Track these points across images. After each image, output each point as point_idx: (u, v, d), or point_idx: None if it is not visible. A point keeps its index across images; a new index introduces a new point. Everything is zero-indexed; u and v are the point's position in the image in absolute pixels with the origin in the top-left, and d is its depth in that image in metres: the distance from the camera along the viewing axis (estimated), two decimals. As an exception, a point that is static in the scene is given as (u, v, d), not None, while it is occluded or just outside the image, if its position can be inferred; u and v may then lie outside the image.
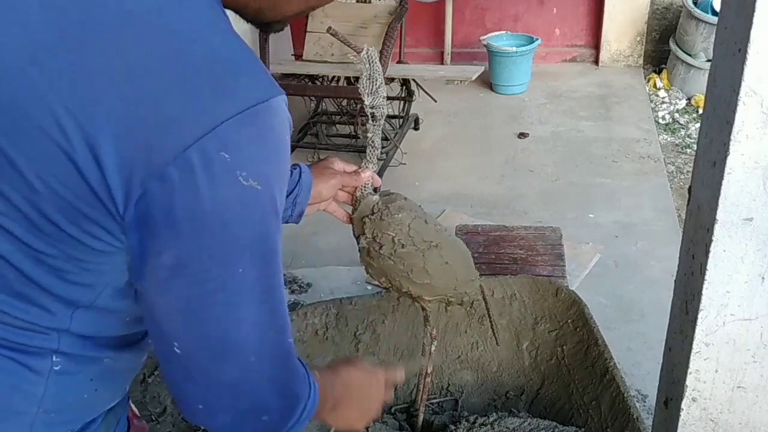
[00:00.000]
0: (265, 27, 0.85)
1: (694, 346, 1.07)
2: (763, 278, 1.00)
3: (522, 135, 4.14)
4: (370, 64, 1.17)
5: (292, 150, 3.50)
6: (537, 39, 4.72)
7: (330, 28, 3.04)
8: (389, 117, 3.85)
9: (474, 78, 3.91)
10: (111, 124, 0.65)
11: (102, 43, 0.67)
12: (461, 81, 4.61)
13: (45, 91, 0.66)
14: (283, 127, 0.72)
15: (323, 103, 4.08)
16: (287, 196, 1.16)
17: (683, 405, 1.12)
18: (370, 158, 1.24)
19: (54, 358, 0.80)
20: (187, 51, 0.68)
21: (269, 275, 0.75)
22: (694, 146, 3.31)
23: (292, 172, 1.18)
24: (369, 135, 1.24)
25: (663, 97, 4.51)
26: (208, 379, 0.78)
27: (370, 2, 3.89)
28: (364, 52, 1.17)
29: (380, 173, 3.43)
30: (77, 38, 0.67)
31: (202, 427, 0.93)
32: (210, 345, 0.76)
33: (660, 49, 4.96)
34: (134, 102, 0.65)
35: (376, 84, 1.19)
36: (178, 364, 0.78)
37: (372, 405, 1.08)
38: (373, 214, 1.21)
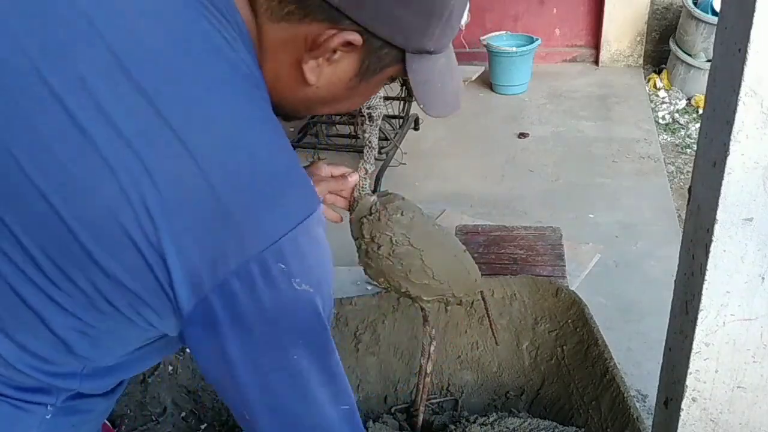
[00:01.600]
0: (290, 119, 0.91)
1: (694, 346, 1.07)
2: (763, 278, 1.00)
3: (522, 135, 4.14)
4: (369, 64, 1.17)
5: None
6: (537, 39, 4.72)
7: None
8: (389, 117, 3.85)
9: (474, 78, 3.91)
10: (184, 230, 0.70)
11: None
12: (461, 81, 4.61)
13: (128, 189, 0.68)
14: (324, 233, 0.78)
15: (323, 103, 4.08)
16: None
17: (683, 405, 1.12)
18: (368, 158, 1.24)
19: (48, 407, 0.84)
20: (245, 164, 0.72)
21: (325, 360, 0.81)
22: (694, 146, 3.31)
23: None
24: (366, 135, 1.24)
25: (663, 97, 4.51)
26: None
27: (370, 2, 3.88)
28: (363, 52, 1.17)
29: (380, 173, 3.43)
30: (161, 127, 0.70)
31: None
32: (285, 419, 0.82)
33: (660, 49, 4.96)
34: (202, 213, 0.70)
35: (374, 84, 1.19)
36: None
37: None
38: (371, 214, 1.21)
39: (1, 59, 0.69)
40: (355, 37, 0.75)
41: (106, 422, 1.11)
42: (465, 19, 1.09)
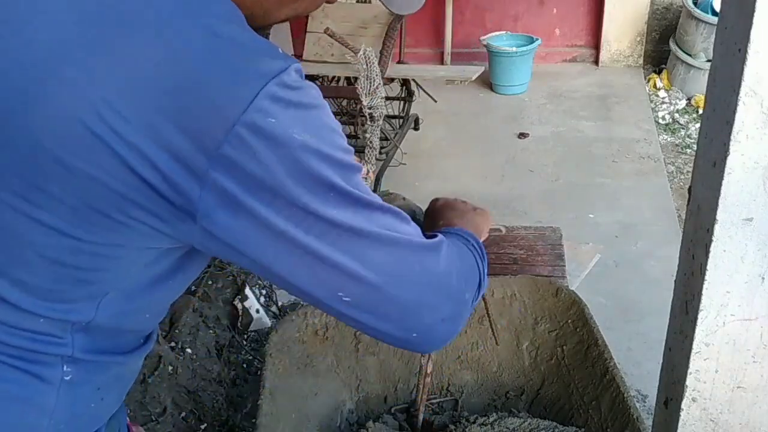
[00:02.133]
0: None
1: (694, 346, 1.07)
2: (763, 278, 1.00)
3: (522, 135, 4.14)
4: (367, 65, 1.18)
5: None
6: (537, 39, 4.72)
7: (327, 29, 3.04)
8: (389, 117, 3.84)
9: (474, 78, 3.91)
10: (156, 115, 0.68)
11: (135, 38, 0.70)
12: (461, 81, 4.61)
13: (85, 89, 0.68)
14: (310, 84, 0.76)
15: (323, 104, 4.08)
16: None
17: (683, 405, 1.12)
18: (369, 158, 1.24)
19: (65, 368, 0.81)
20: (214, 42, 0.71)
21: (364, 202, 0.77)
22: (694, 146, 3.31)
23: None
24: (367, 135, 1.24)
25: (663, 97, 4.51)
26: (397, 309, 0.80)
27: (370, 2, 3.89)
28: (361, 52, 1.17)
29: (380, 173, 3.43)
30: (111, 35, 0.70)
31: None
32: (370, 278, 0.77)
33: (660, 49, 4.96)
34: (174, 92, 0.68)
35: (374, 85, 1.19)
36: (361, 314, 0.80)
37: (476, 208, 1.21)
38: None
39: None
40: None
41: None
42: None
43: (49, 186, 0.70)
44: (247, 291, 2.43)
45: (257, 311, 2.42)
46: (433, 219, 1.13)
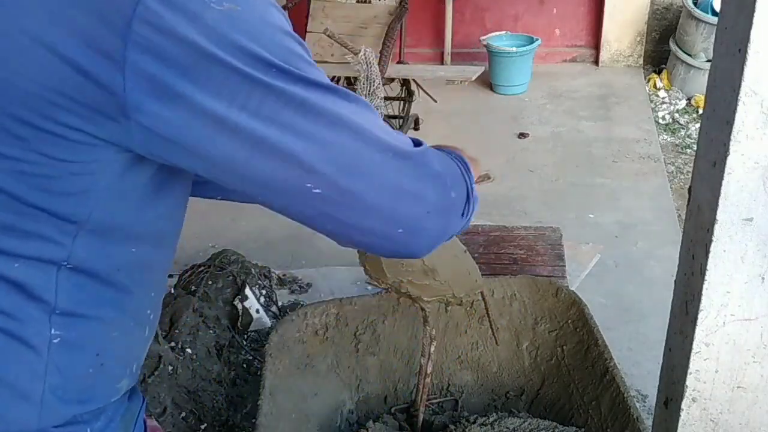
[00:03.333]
0: None
1: (694, 346, 1.07)
2: (763, 278, 1.00)
3: (522, 135, 4.14)
4: (367, 66, 1.17)
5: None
6: (537, 39, 4.72)
7: (327, 29, 3.04)
8: (389, 117, 3.84)
9: (474, 78, 3.91)
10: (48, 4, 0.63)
11: None
12: (461, 81, 4.61)
13: None
14: None
15: (323, 104, 4.07)
16: None
17: (683, 405, 1.12)
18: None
19: (52, 331, 0.76)
20: None
21: (320, 83, 0.71)
22: (694, 146, 3.31)
23: None
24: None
25: (663, 98, 4.51)
26: (377, 197, 0.75)
27: (370, 2, 3.89)
28: (361, 53, 1.17)
29: (380, 173, 3.42)
30: None
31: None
32: (341, 161, 0.72)
33: (660, 49, 4.96)
34: None
35: (373, 85, 1.19)
36: (339, 207, 0.74)
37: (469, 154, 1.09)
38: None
39: None
40: None
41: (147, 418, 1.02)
42: None
43: None
44: (247, 291, 2.43)
45: (257, 311, 2.42)
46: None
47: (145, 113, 0.65)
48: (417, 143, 0.83)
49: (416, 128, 4.14)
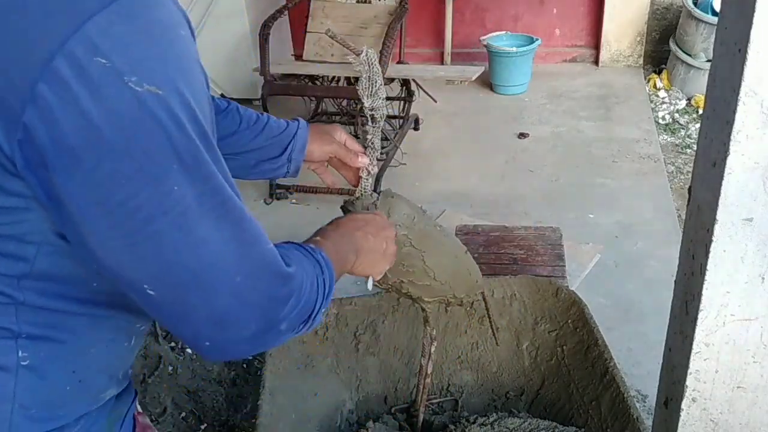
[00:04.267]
0: None
1: (694, 346, 1.07)
2: (763, 278, 1.00)
3: (522, 135, 4.14)
4: (369, 66, 1.17)
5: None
6: (537, 39, 4.72)
7: (329, 30, 3.02)
8: (389, 117, 3.85)
9: (474, 78, 3.91)
10: None
11: None
12: (461, 81, 4.61)
13: None
14: (174, 19, 0.64)
15: (323, 104, 4.08)
16: (284, 152, 1.14)
17: (683, 405, 1.12)
18: (371, 159, 1.23)
19: (20, 353, 0.74)
20: None
21: (214, 189, 0.68)
22: (694, 146, 3.31)
23: (289, 124, 1.16)
24: (368, 137, 1.24)
25: (663, 98, 4.51)
26: (201, 314, 0.71)
27: (370, 2, 3.89)
28: (363, 54, 1.17)
29: (380, 173, 3.43)
30: None
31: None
32: (183, 277, 0.68)
33: (660, 49, 4.96)
34: None
35: (375, 86, 1.19)
36: (162, 308, 0.71)
37: (387, 241, 1.06)
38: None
39: None
40: None
41: (137, 406, 0.99)
42: None
43: None
44: (247, 291, 2.43)
45: (257, 311, 2.42)
46: (340, 238, 0.99)
47: (36, 186, 0.63)
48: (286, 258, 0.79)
49: (416, 128, 4.14)
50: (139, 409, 1.01)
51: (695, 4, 4.43)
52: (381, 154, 3.51)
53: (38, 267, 0.72)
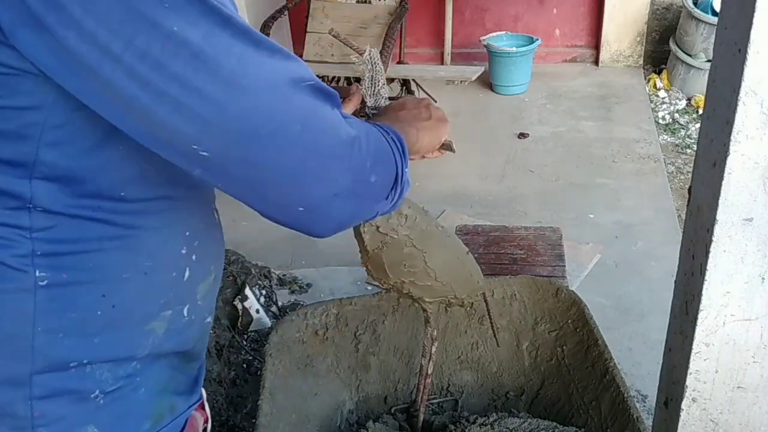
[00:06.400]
0: None
1: (694, 346, 1.07)
2: (763, 278, 1.00)
3: (522, 135, 4.14)
4: (372, 66, 1.17)
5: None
6: (537, 39, 4.72)
7: (332, 29, 3.04)
8: (389, 117, 3.84)
9: (474, 78, 3.91)
10: None
11: None
12: (461, 81, 4.61)
13: None
14: None
15: (323, 104, 4.08)
16: None
17: (683, 405, 1.12)
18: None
19: (37, 273, 0.70)
20: None
21: (227, 20, 0.62)
22: (694, 146, 3.31)
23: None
24: (369, 136, 1.23)
25: (663, 98, 4.51)
26: (271, 173, 0.66)
27: (370, 2, 3.89)
28: (366, 53, 1.17)
29: (380, 173, 3.42)
30: None
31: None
32: (226, 125, 0.62)
33: (660, 49, 4.96)
34: None
35: (377, 86, 1.19)
36: (229, 175, 0.66)
37: (431, 108, 1.02)
38: (373, 215, 1.21)
39: None
40: None
41: (207, 410, 0.95)
42: None
43: None
44: (247, 291, 2.43)
45: (257, 311, 2.42)
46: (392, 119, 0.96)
47: (17, 40, 0.61)
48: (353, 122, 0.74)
49: (416, 128, 4.14)
50: (196, 415, 0.95)
51: (695, 4, 4.43)
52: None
53: (43, 156, 0.68)
